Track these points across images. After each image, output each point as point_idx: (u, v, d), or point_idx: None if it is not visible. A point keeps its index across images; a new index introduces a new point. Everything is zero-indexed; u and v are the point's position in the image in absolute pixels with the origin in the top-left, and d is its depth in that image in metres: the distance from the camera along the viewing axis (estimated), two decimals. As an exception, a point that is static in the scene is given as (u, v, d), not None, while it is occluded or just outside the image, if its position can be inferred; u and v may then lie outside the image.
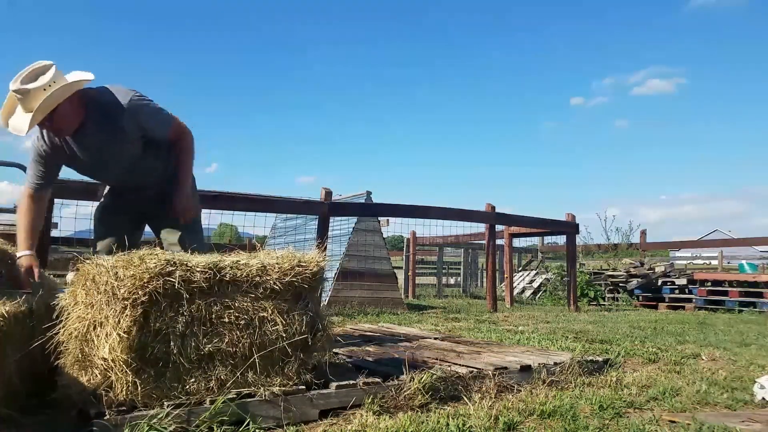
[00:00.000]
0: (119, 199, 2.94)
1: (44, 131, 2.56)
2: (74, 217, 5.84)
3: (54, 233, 5.62)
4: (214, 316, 2.02)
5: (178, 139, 2.75)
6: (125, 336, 1.84)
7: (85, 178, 3.18)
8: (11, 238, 5.45)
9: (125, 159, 2.68)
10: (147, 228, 3.11)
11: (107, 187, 3.03)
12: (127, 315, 1.85)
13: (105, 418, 1.79)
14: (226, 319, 2.04)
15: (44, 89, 2.33)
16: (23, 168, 5.16)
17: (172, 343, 1.94)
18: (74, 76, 2.49)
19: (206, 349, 2.00)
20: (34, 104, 2.32)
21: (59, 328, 2.03)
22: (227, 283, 2.06)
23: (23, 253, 2.56)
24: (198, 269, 1.99)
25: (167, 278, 1.92)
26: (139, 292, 1.87)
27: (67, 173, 2.95)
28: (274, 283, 2.14)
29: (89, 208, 5.29)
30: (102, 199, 3.03)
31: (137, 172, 2.77)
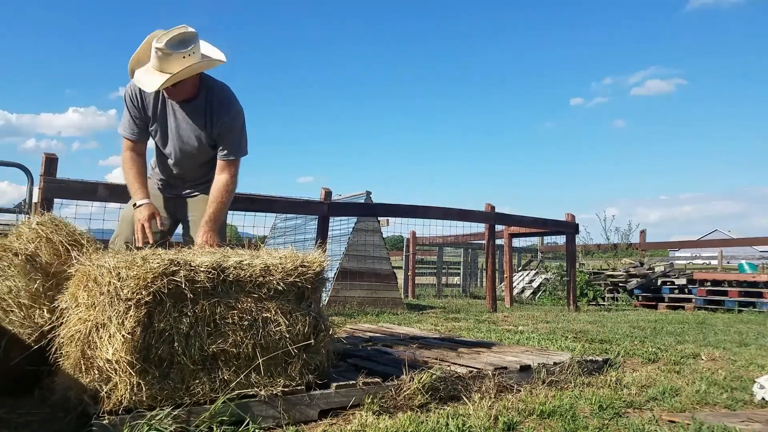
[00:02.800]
0: (159, 181, 2.97)
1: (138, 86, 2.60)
2: (74, 217, 5.84)
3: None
4: (217, 316, 2.03)
5: (229, 173, 2.73)
6: (129, 337, 1.84)
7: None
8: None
9: (197, 147, 2.76)
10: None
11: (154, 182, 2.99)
12: (130, 315, 1.85)
13: (105, 418, 1.79)
14: (230, 320, 2.04)
15: (183, 57, 2.44)
16: (23, 168, 5.16)
17: (176, 344, 1.94)
18: (208, 49, 2.61)
19: (210, 349, 2.00)
20: (168, 67, 2.44)
21: (60, 330, 2.03)
22: (231, 283, 2.07)
23: (142, 201, 2.61)
24: (202, 269, 2.00)
25: (171, 278, 1.92)
26: (143, 293, 1.87)
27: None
28: (278, 284, 2.14)
29: (89, 208, 5.31)
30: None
31: (192, 163, 2.83)
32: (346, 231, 7.86)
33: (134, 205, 2.64)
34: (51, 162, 4.87)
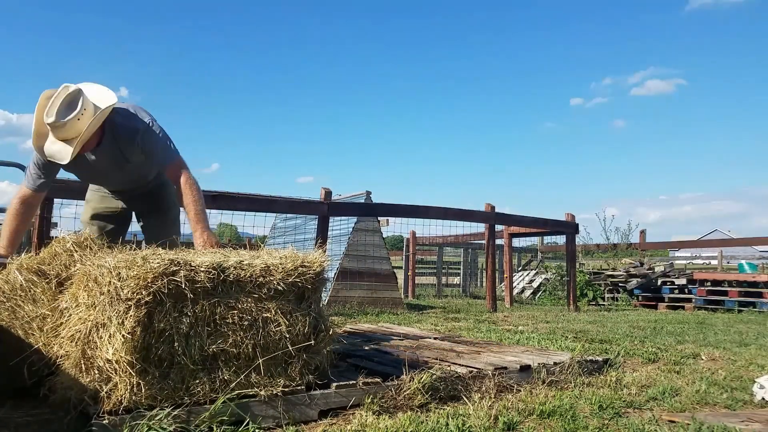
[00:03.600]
0: (103, 193, 3.14)
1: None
2: (74, 217, 5.85)
3: (54, 233, 5.62)
4: (218, 316, 2.03)
5: (179, 174, 2.72)
6: (129, 337, 1.84)
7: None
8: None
9: (125, 174, 2.88)
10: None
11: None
12: (130, 315, 1.85)
13: (105, 418, 1.79)
14: (230, 320, 2.04)
15: (78, 119, 2.45)
16: (23, 168, 5.17)
17: (176, 344, 1.94)
18: (98, 95, 2.58)
19: (210, 350, 2.00)
20: (67, 134, 2.45)
21: (60, 330, 2.03)
22: (231, 283, 2.07)
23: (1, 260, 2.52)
24: (202, 269, 2.00)
25: (171, 278, 1.92)
26: (143, 293, 1.87)
27: (63, 173, 3.02)
28: (278, 284, 2.14)
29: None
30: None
31: (132, 181, 2.99)
32: (346, 231, 7.86)
33: None
34: (51, 162, 4.86)
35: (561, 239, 12.42)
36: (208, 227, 2.66)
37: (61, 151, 2.48)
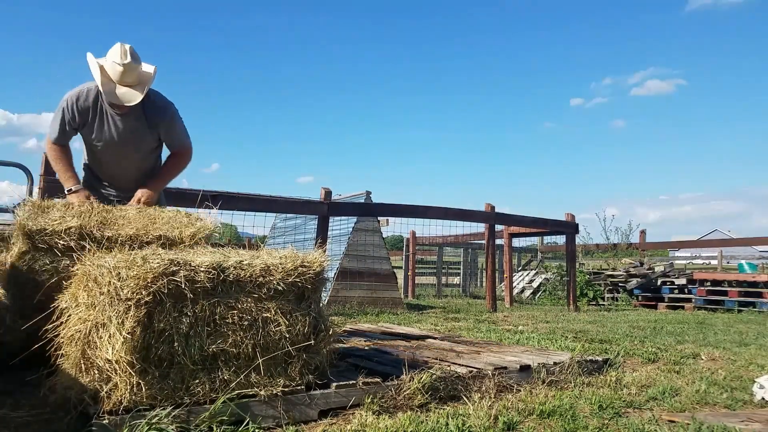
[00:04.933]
0: (95, 182, 3.24)
1: (80, 96, 2.92)
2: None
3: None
4: (217, 316, 2.03)
5: (180, 155, 3.17)
6: (129, 337, 1.84)
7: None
8: (8, 239, 5.45)
9: (140, 149, 3.07)
10: None
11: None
12: (130, 315, 1.85)
13: (105, 418, 1.79)
14: (230, 320, 2.04)
15: (141, 67, 2.87)
16: (23, 168, 5.17)
17: (176, 344, 1.94)
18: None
19: (210, 349, 2.00)
20: (132, 79, 2.82)
21: (60, 330, 2.03)
22: (231, 283, 2.07)
23: (76, 187, 2.95)
24: (202, 269, 2.00)
25: (171, 278, 1.92)
26: (143, 293, 1.87)
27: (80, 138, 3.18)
28: (278, 284, 2.14)
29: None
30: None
31: (134, 163, 3.12)
32: (346, 231, 7.86)
33: (68, 191, 2.94)
34: (51, 162, 4.87)
35: (561, 239, 12.42)
36: (155, 189, 3.03)
37: (128, 93, 2.83)
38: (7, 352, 2.77)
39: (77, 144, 3.18)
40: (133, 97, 2.83)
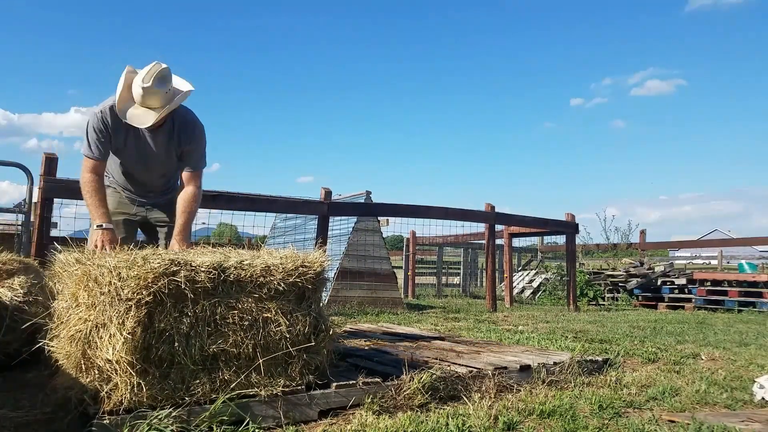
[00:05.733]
0: (120, 198, 3.16)
1: (109, 111, 2.80)
2: (74, 217, 5.86)
3: (53, 233, 5.62)
4: (218, 316, 2.03)
5: (195, 185, 2.98)
6: (129, 337, 1.84)
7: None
8: (9, 238, 5.44)
9: (166, 164, 3.03)
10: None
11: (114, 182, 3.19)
12: (131, 316, 1.85)
13: (105, 418, 1.79)
14: (231, 320, 2.04)
15: (166, 92, 2.75)
16: (23, 168, 5.16)
17: (176, 344, 1.94)
18: (177, 81, 2.89)
19: (210, 349, 2.00)
20: (152, 102, 2.73)
21: (60, 330, 2.03)
22: (231, 283, 2.07)
23: (108, 225, 2.75)
24: (202, 269, 2.00)
25: (172, 278, 1.93)
26: (144, 293, 1.87)
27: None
28: (278, 284, 2.14)
29: (89, 207, 5.29)
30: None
31: (157, 177, 3.10)
32: (346, 231, 7.86)
33: (98, 226, 2.74)
34: (51, 162, 4.87)
35: (561, 239, 12.42)
36: (188, 239, 2.87)
37: (142, 116, 2.73)
38: (6, 353, 2.78)
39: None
40: (144, 119, 2.73)
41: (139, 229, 3.23)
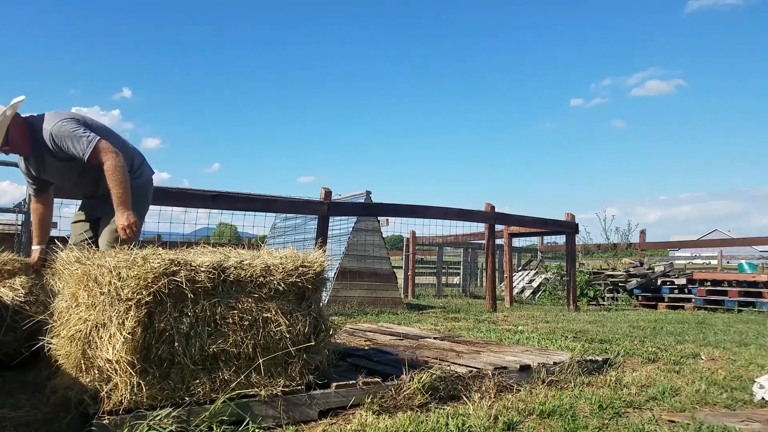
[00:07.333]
0: (84, 208, 3.36)
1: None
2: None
3: (53, 233, 5.61)
4: (218, 316, 2.03)
5: (100, 161, 2.92)
6: (129, 337, 1.84)
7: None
8: (9, 238, 5.45)
9: (69, 172, 3.05)
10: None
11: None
12: (131, 315, 1.85)
13: (105, 418, 1.79)
14: (230, 320, 2.04)
15: None
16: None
17: (176, 344, 1.94)
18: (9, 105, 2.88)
19: (210, 349, 2.00)
20: None
21: (60, 330, 2.03)
22: (231, 283, 2.07)
23: (36, 247, 3.21)
24: (202, 269, 2.00)
25: (172, 278, 1.93)
26: (144, 293, 1.87)
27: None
28: (278, 284, 2.14)
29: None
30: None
31: (84, 183, 3.14)
32: (346, 231, 7.86)
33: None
34: (51, 162, 4.85)
35: (561, 239, 12.41)
36: (129, 207, 2.89)
37: None
38: (6, 353, 2.78)
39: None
40: None
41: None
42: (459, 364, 2.87)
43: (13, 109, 2.84)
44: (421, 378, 2.42)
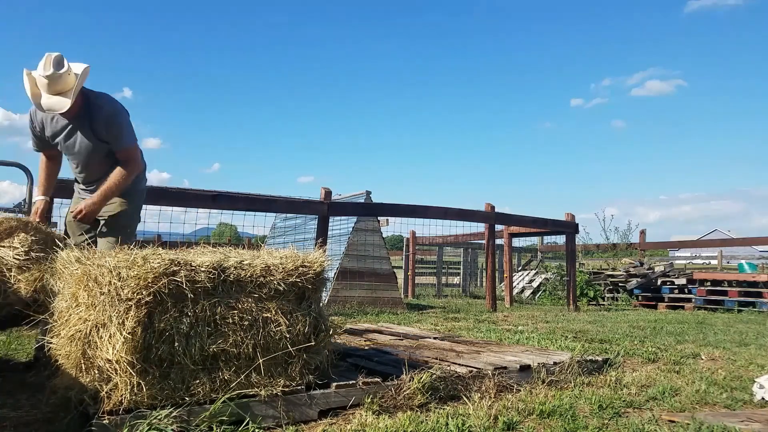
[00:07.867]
0: (78, 202, 3.32)
1: (35, 109, 3.01)
2: (74, 216, 5.85)
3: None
4: (218, 316, 2.03)
5: (127, 160, 3.09)
6: (129, 337, 1.84)
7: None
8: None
9: (95, 150, 3.11)
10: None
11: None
12: (131, 315, 1.85)
13: (105, 418, 1.79)
14: (230, 320, 2.04)
15: (68, 74, 2.84)
16: (23, 167, 5.17)
17: (176, 344, 1.94)
18: (75, 66, 2.93)
19: (210, 349, 2.00)
20: (61, 87, 2.82)
21: (60, 330, 2.03)
22: (231, 283, 2.07)
23: (38, 198, 3.22)
24: (202, 269, 2.00)
25: (172, 278, 1.93)
26: (144, 293, 1.87)
27: (66, 173, 3.42)
28: (278, 284, 2.14)
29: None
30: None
31: (93, 165, 3.18)
32: (346, 231, 7.86)
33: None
34: (51, 162, 4.86)
35: (561, 239, 12.41)
36: (101, 202, 3.02)
37: (57, 102, 2.83)
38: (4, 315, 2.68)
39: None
40: (60, 104, 2.83)
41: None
42: (459, 364, 2.87)
43: (85, 76, 2.92)
44: (421, 378, 2.42)
